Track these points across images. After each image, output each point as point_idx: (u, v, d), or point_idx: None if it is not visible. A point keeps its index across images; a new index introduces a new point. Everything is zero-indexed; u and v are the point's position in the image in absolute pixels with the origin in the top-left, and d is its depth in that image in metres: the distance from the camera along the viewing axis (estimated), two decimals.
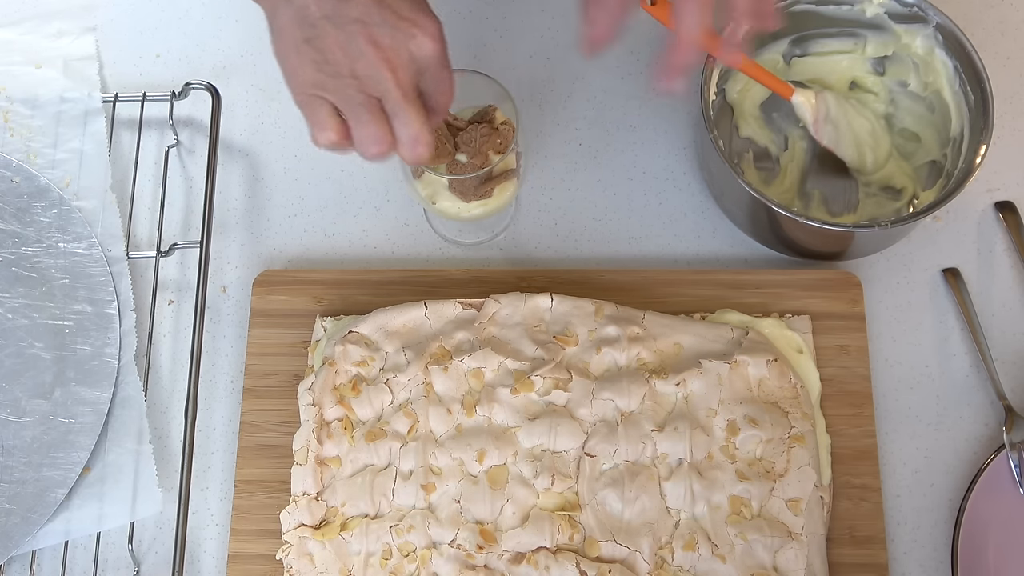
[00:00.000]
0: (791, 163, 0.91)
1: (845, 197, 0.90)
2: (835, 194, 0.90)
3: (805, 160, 0.91)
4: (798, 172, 0.90)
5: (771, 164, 0.91)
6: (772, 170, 0.91)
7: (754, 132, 0.91)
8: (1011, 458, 0.80)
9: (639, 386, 0.80)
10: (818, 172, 0.91)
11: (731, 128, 0.92)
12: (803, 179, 0.90)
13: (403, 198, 0.93)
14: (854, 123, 0.87)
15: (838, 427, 0.82)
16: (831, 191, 0.90)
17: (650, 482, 0.78)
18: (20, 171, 0.89)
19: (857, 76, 0.91)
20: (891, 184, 0.89)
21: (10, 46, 0.96)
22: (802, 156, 0.91)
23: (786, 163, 0.91)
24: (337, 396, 0.81)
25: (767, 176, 0.91)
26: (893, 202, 0.88)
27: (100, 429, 0.82)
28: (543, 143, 0.94)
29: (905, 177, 0.88)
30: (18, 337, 0.85)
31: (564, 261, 0.90)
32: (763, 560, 0.76)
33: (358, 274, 0.88)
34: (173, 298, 0.90)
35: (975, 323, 0.85)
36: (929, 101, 0.88)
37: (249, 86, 0.97)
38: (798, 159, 0.91)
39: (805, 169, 0.91)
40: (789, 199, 0.89)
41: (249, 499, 0.82)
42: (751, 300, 0.86)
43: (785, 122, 0.92)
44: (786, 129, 0.92)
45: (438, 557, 0.76)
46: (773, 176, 0.91)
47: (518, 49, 0.98)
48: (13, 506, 0.80)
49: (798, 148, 0.91)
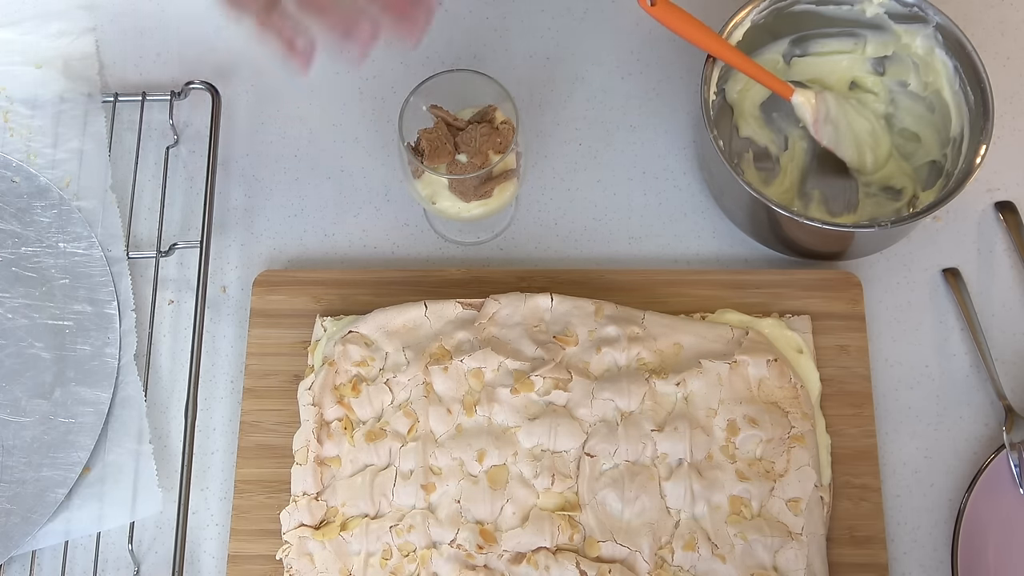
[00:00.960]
0: (791, 163, 0.91)
1: (845, 197, 0.90)
2: (835, 194, 0.90)
3: (805, 160, 0.91)
4: (798, 172, 0.90)
5: (771, 164, 0.91)
6: (772, 170, 0.91)
7: (754, 132, 0.91)
8: (1011, 458, 0.80)
9: (639, 386, 0.80)
10: (818, 172, 0.91)
11: (731, 128, 0.92)
12: (803, 179, 0.90)
13: (403, 198, 0.93)
14: (854, 123, 0.87)
15: (838, 427, 0.82)
16: (831, 191, 0.90)
17: (650, 482, 0.78)
18: (20, 171, 0.89)
19: (857, 76, 0.91)
20: (891, 184, 0.89)
21: (10, 46, 0.95)
22: (802, 156, 0.91)
23: (786, 163, 0.91)
24: (337, 396, 0.81)
25: (767, 176, 0.91)
26: (893, 202, 0.88)
27: (100, 429, 0.82)
28: (543, 143, 0.94)
29: (905, 177, 0.88)
30: (18, 337, 0.85)
31: (564, 261, 0.90)
32: (763, 560, 0.76)
33: (358, 274, 0.88)
34: (173, 298, 0.90)
35: (975, 323, 0.85)
36: (929, 101, 0.88)
37: (249, 86, 0.97)
38: (798, 159, 0.91)
39: (805, 169, 0.91)
40: (789, 199, 0.89)
41: (249, 499, 0.82)
42: (751, 300, 0.86)
43: (785, 122, 0.92)
44: (786, 129, 0.92)
45: (438, 557, 0.76)
46: (773, 176, 0.91)
47: (518, 49, 0.98)
48: (13, 506, 0.80)
49: (798, 148, 0.91)
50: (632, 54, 0.97)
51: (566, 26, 0.98)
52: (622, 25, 0.98)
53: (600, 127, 0.95)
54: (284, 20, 0.69)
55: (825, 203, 0.90)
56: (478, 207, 0.81)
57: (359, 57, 0.69)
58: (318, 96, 0.97)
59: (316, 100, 0.96)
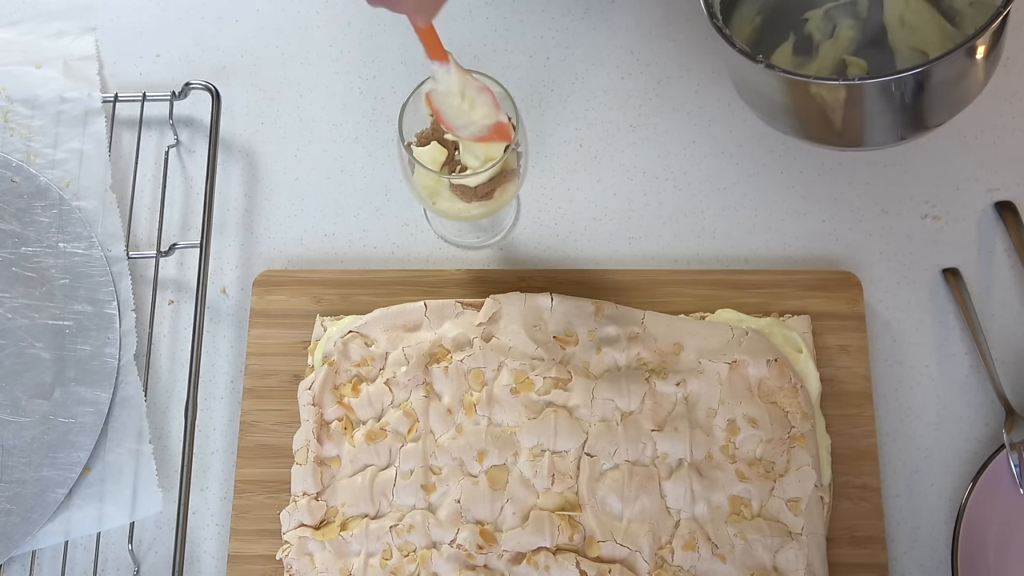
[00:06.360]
0: (832, 50, 0.89)
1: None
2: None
3: (850, 49, 0.89)
4: (835, 59, 0.88)
5: (812, 56, 0.89)
6: (809, 54, 0.89)
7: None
8: (1011, 458, 0.80)
9: (639, 386, 0.80)
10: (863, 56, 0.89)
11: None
12: (840, 66, 0.88)
13: (403, 198, 0.93)
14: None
15: (838, 427, 0.82)
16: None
17: (650, 482, 0.78)
18: (20, 171, 0.89)
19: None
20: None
21: (10, 46, 0.96)
22: (846, 45, 0.89)
23: (826, 50, 0.89)
24: (337, 396, 0.81)
25: (802, 61, 0.89)
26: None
27: (100, 429, 0.82)
28: (543, 143, 0.94)
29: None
30: (18, 337, 0.85)
31: (564, 261, 0.90)
32: (763, 560, 0.76)
33: (358, 274, 0.88)
34: (173, 298, 0.90)
35: (975, 323, 0.85)
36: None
37: (249, 86, 0.97)
38: (841, 46, 0.89)
39: (843, 58, 0.89)
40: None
41: (249, 499, 0.82)
42: (751, 300, 0.86)
43: (841, 12, 0.90)
44: (837, 18, 0.90)
45: (438, 557, 0.76)
46: (809, 61, 0.89)
47: (518, 49, 0.98)
48: (13, 506, 0.80)
49: (844, 37, 0.90)
50: (632, 54, 0.97)
51: (566, 26, 0.98)
52: (622, 25, 0.98)
53: (600, 127, 0.95)
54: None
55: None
56: (479, 207, 0.81)
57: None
58: (318, 96, 0.97)
59: (316, 100, 0.96)
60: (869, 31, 0.89)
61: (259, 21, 1.00)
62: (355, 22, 0.99)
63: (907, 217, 0.91)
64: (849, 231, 0.90)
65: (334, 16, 1.00)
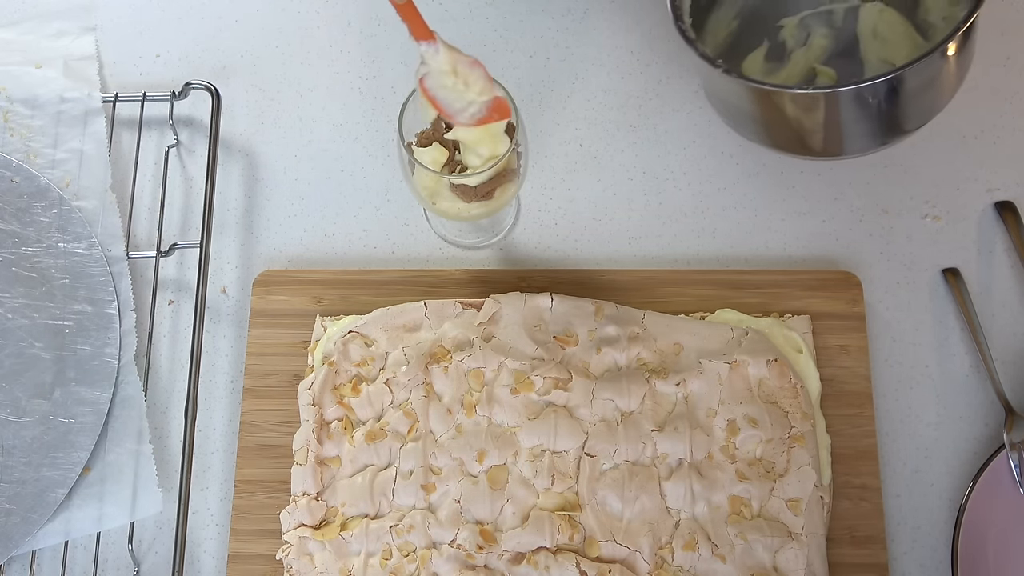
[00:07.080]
0: (803, 58, 0.89)
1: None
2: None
3: (821, 58, 0.89)
4: (806, 67, 0.88)
5: (784, 62, 0.89)
6: (781, 60, 0.89)
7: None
8: (1011, 458, 0.80)
9: (639, 386, 0.80)
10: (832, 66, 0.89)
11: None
12: (811, 74, 0.88)
13: (403, 198, 0.93)
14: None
15: (838, 427, 0.82)
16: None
17: (650, 482, 0.78)
18: (20, 171, 0.89)
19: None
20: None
21: (10, 46, 0.96)
22: (819, 54, 0.89)
23: (798, 58, 0.89)
24: (337, 396, 0.81)
25: (773, 67, 0.89)
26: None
27: (100, 429, 0.82)
28: (543, 143, 0.94)
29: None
30: (18, 337, 0.85)
31: (564, 261, 0.90)
32: (763, 560, 0.76)
33: (358, 274, 0.88)
34: (173, 298, 0.90)
35: (975, 323, 0.85)
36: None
37: (249, 86, 0.97)
38: (813, 55, 0.89)
39: (815, 67, 0.89)
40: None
41: (249, 499, 0.82)
42: (751, 300, 0.86)
43: (816, 20, 0.90)
44: (812, 26, 0.90)
45: (438, 557, 0.76)
46: (780, 67, 0.89)
47: (518, 49, 0.98)
48: (13, 506, 0.80)
49: (816, 46, 0.90)
50: (632, 54, 0.97)
51: (566, 26, 0.98)
52: (622, 25, 0.98)
53: (600, 127, 0.95)
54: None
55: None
56: (479, 207, 0.81)
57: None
58: (318, 96, 0.97)
59: (316, 100, 0.96)
60: (842, 41, 0.89)
61: (259, 21, 1.00)
62: (355, 22, 0.99)
63: (907, 217, 0.91)
64: (849, 231, 0.90)
65: (334, 16, 1.00)
